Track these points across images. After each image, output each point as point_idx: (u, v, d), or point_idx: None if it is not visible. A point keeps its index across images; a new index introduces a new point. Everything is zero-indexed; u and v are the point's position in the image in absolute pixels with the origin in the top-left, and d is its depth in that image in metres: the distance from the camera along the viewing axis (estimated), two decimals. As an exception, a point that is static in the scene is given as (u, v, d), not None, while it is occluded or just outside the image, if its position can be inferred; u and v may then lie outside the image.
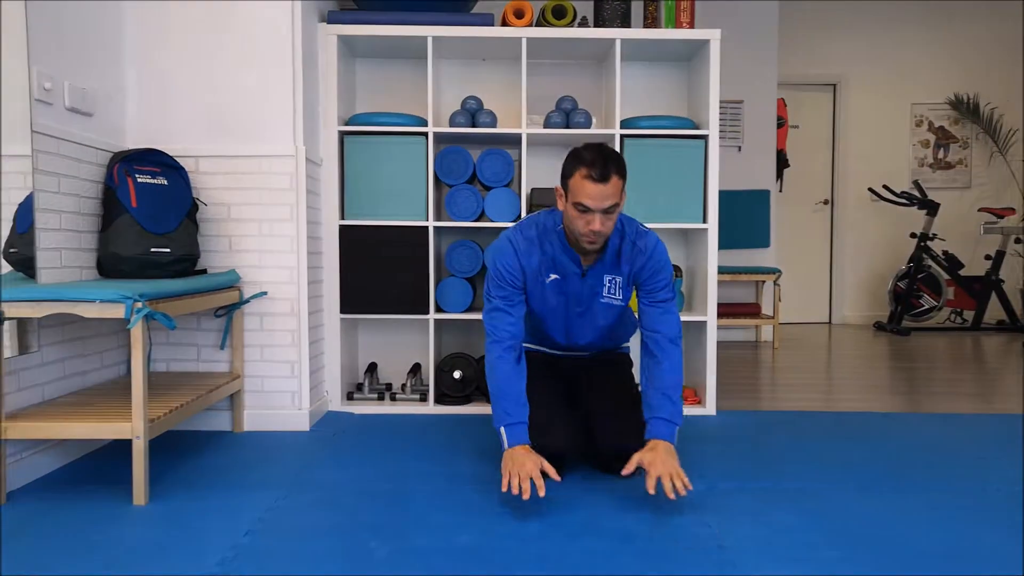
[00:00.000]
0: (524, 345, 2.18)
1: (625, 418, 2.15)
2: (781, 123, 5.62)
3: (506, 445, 1.93)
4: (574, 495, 1.99)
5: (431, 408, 3.03)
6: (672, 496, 1.78)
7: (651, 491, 1.78)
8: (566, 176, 1.92)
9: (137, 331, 1.90)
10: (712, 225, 2.98)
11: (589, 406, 2.24)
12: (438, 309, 3.05)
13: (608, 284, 2.10)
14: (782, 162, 5.74)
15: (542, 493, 1.76)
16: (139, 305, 1.90)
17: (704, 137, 2.98)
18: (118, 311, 1.90)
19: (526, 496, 1.76)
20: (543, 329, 2.25)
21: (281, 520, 1.83)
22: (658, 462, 1.83)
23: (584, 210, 1.87)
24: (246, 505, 1.92)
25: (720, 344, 5.12)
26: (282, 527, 1.78)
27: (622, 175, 1.89)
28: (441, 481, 2.13)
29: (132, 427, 1.92)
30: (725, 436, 2.66)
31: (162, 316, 1.98)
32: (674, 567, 1.54)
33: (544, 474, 1.85)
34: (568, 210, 1.93)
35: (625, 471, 1.87)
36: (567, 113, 3.04)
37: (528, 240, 2.05)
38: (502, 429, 1.94)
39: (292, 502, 1.96)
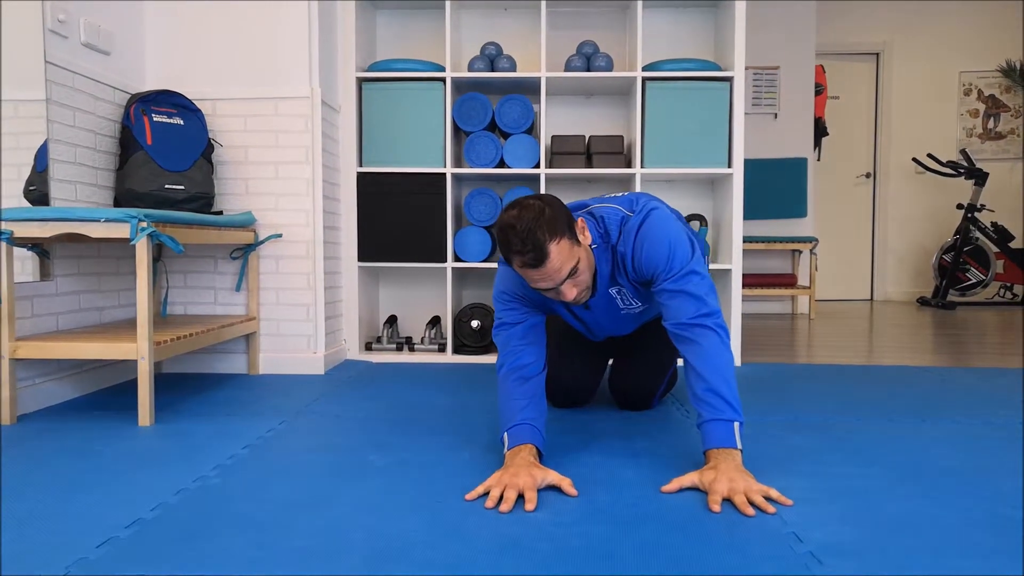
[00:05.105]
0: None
1: (644, 359, 2.06)
2: (820, 90, 5.44)
3: (507, 447, 1.53)
4: (588, 411, 1.93)
5: (449, 357, 2.99)
6: (752, 513, 1.30)
7: (715, 510, 1.33)
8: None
9: (142, 250, 1.90)
10: (737, 170, 2.88)
11: (615, 353, 2.15)
12: (456, 258, 3.01)
13: (617, 296, 1.78)
14: (820, 130, 5.56)
15: (531, 507, 1.32)
16: (144, 224, 1.90)
17: (729, 79, 2.88)
18: (123, 231, 1.90)
19: (506, 509, 1.31)
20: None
21: (283, 438, 1.80)
22: (722, 480, 1.38)
23: (546, 289, 1.53)
24: (249, 428, 1.90)
25: (753, 316, 5.00)
26: (283, 444, 1.75)
27: (560, 236, 1.45)
28: (448, 410, 2.09)
29: (137, 348, 1.92)
30: (747, 381, 2.54)
31: (168, 238, 1.97)
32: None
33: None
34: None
35: (667, 489, 1.44)
36: (588, 57, 2.96)
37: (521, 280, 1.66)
38: (504, 435, 1.55)
39: (296, 424, 1.94)
